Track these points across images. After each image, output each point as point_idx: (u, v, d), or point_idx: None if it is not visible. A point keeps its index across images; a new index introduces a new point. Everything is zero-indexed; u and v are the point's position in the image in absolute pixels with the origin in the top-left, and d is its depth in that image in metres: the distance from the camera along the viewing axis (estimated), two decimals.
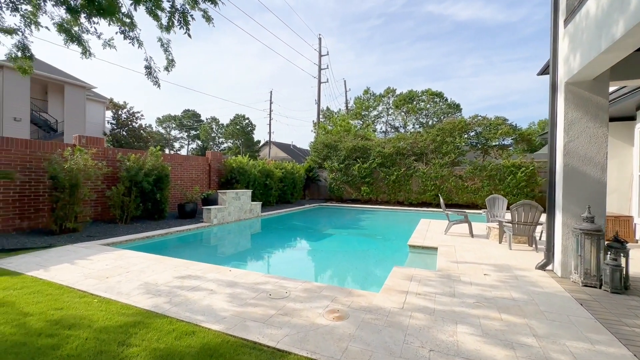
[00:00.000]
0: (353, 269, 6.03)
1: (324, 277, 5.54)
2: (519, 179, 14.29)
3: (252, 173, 12.89)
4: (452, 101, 40.82)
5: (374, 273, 5.79)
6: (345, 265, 6.33)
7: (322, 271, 6.02)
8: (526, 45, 69.22)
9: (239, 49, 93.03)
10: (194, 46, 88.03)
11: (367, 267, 6.17)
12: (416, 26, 68.36)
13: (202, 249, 7.37)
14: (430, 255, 6.30)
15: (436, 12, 63.71)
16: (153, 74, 5.20)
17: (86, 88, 27.08)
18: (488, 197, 8.85)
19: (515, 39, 68.53)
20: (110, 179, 8.74)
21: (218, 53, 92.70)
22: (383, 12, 66.65)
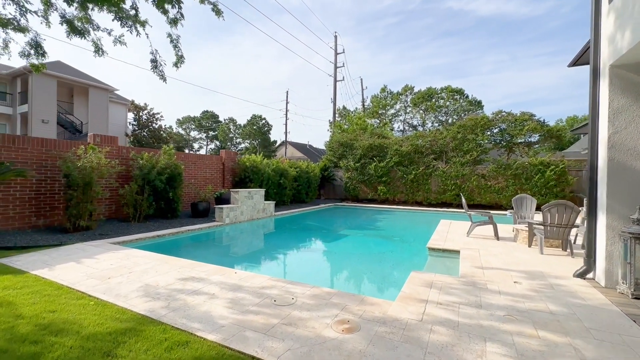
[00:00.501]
0: (367, 273, 5.66)
1: (335, 282, 5.20)
2: (548, 178, 13.39)
3: (265, 172, 12.72)
4: (473, 98, 39.36)
5: (389, 278, 5.39)
6: (359, 269, 5.96)
7: (334, 275, 5.68)
8: (552, 39, 66.04)
9: (257, 50, 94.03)
10: (213, 49, 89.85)
11: (383, 271, 5.77)
12: (435, 23, 66.49)
13: (211, 249, 7.20)
14: (452, 260, 5.83)
15: (456, 8, 61.62)
16: (159, 68, 5.04)
17: (109, 90, 27.96)
18: (515, 197, 8.23)
19: (540, 33, 65.49)
20: (124, 177, 8.76)
21: (236, 55, 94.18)
22: (400, 10, 65.22)
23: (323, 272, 5.84)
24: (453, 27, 67.05)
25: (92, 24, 5.14)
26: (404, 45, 74.32)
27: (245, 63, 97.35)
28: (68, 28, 4.44)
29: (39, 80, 23.19)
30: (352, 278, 5.48)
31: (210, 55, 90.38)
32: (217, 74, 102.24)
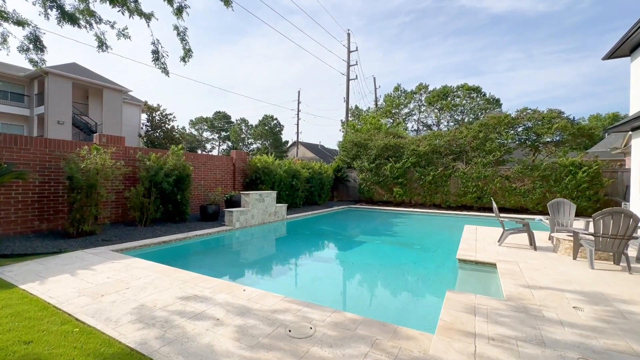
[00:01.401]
0: (392, 291, 5.03)
1: (357, 303, 4.54)
2: (580, 179, 12.41)
3: (277, 173, 12.23)
4: (491, 96, 37.97)
5: (420, 298, 4.76)
6: (382, 285, 5.34)
7: (354, 293, 5.05)
8: (571, 35, 63.50)
9: (268, 52, 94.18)
10: (225, 51, 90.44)
11: (410, 288, 5.14)
12: (448, 21, 64.90)
13: (219, 258, 6.72)
14: (488, 274, 5.15)
15: (469, 5, 60.05)
16: (161, 60, 4.58)
17: (123, 91, 28.15)
18: (551, 202, 7.46)
19: (558, 29, 63.15)
20: (131, 179, 8.41)
21: (248, 57, 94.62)
22: (413, 9, 64.00)
23: (341, 288, 5.26)
24: (466, 25, 65.45)
25: (94, 16, 4.76)
26: (417, 43, 72.95)
27: (257, 64, 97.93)
28: (59, 14, 4.01)
29: (55, 82, 23.46)
30: (376, 297, 4.84)
31: (223, 57, 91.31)
32: (230, 76, 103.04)
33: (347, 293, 4.96)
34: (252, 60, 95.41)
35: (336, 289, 5.12)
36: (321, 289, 5.01)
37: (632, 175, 10.15)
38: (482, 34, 67.10)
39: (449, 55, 72.21)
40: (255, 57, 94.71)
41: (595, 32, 62.19)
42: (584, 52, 66.08)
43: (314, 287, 5.07)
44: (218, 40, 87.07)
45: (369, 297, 4.82)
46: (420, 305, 4.43)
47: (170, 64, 66.41)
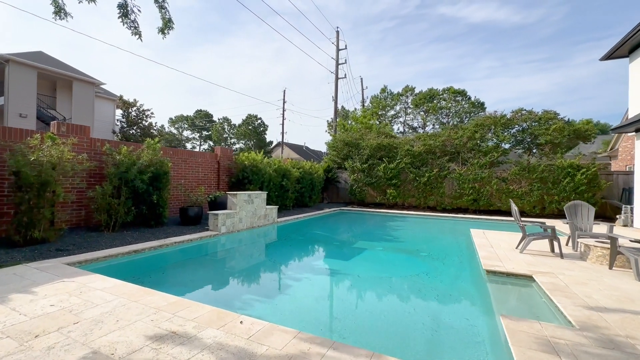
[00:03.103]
0: (420, 313, 4.11)
1: (385, 333, 3.46)
2: (578, 182, 12.15)
3: (266, 172, 11.20)
4: (476, 99, 38.41)
5: (462, 324, 3.84)
6: (404, 304, 4.43)
7: (376, 318, 3.98)
8: (544, 46, 66.45)
9: (252, 52, 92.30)
10: (208, 50, 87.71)
11: (439, 309, 4.25)
12: (430, 28, 66.48)
13: (204, 271, 5.65)
14: (526, 289, 4.41)
15: (449, 14, 61.75)
16: (130, 17, 3.54)
17: (95, 84, 26.11)
18: (568, 205, 6.87)
19: (532, 40, 66.07)
20: (97, 176, 7.17)
21: (231, 57, 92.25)
22: (395, 15, 64.99)
23: (358, 312, 4.32)
24: (447, 33, 67.32)
25: None
26: (400, 49, 74.17)
27: (240, 65, 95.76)
28: None
29: (17, 71, 21.32)
30: (405, 325, 3.81)
31: (205, 57, 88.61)
32: (212, 76, 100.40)
33: (368, 320, 4.02)
34: (236, 61, 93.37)
35: (353, 315, 4.14)
36: (337, 314, 4.05)
37: (637, 178, 9.88)
38: (462, 42, 69.12)
39: (431, 61, 73.73)
40: (238, 57, 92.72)
41: (566, 44, 65.47)
42: (556, 63, 69.32)
43: (327, 312, 4.12)
44: (200, 39, 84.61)
45: (395, 324, 3.88)
46: (469, 336, 3.51)
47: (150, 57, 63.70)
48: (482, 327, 3.49)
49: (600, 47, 65.02)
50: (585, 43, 64.56)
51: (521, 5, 59.36)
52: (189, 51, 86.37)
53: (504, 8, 59.88)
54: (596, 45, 64.84)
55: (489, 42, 68.04)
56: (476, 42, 68.29)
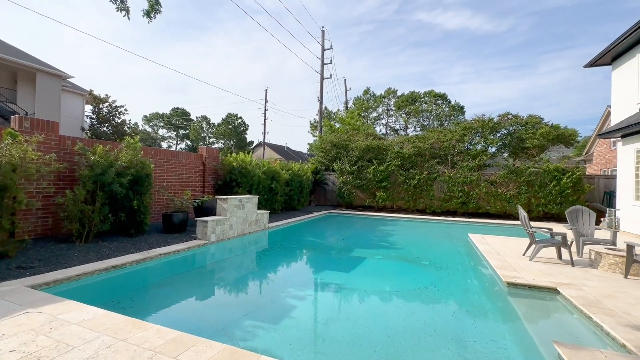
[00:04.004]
0: (442, 337, 3.70)
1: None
2: (564, 185, 12.41)
3: (256, 175, 10.56)
4: (456, 103, 39.33)
5: (492, 348, 3.48)
6: (423, 327, 4.00)
7: (397, 345, 3.54)
8: (512, 54, 69.62)
9: (231, 50, 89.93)
10: (184, 47, 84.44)
11: (464, 332, 3.86)
12: (407, 33, 68.25)
13: (198, 290, 4.98)
14: (552, 303, 4.15)
15: (426, 21, 63.62)
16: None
17: (62, 77, 24.15)
18: (569, 210, 6.81)
19: (501, 48, 69.00)
20: (67, 179, 6.30)
21: (209, 54, 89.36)
22: (374, 19, 66.12)
23: (377, 337, 3.80)
24: (423, 38, 69.31)
25: None
26: (378, 52, 75.41)
27: (219, 63, 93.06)
28: None
29: None
30: (430, 352, 3.46)
31: (181, 53, 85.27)
32: (190, 73, 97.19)
33: (389, 347, 3.56)
34: (214, 58, 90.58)
35: (369, 341, 3.62)
36: (353, 341, 3.55)
37: (621, 182, 10.16)
38: (437, 48, 71.31)
39: (408, 66, 75.47)
40: (216, 55, 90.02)
41: (532, 53, 69.07)
42: (523, 70, 72.99)
43: (343, 340, 3.60)
44: (176, 35, 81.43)
45: (420, 351, 3.45)
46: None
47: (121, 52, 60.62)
48: (516, 351, 3.14)
49: (562, 57, 69.24)
50: (550, 53, 68.49)
51: (492, 14, 62.07)
52: (163, 47, 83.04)
53: (477, 16, 62.32)
54: (559, 55, 68.95)
55: (463, 48, 70.63)
56: (451, 48, 70.67)
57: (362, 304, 4.85)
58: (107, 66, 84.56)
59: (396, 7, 63.01)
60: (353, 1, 60.71)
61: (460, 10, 61.87)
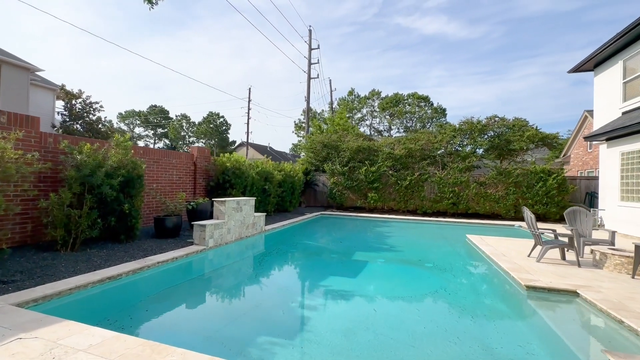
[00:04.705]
0: (469, 345, 3.55)
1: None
2: (550, 186, 12.83)
3: (249, 175, 10.16)
4: (438, 105, 40.23)
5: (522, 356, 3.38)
6: (446, 335, 3.80)
7: (427, 356, 3.43)
8: (486, 60, 72.61)
9: (210, 47, 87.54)
10: (159, 42, 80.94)
11: (490, 340, 3.72)
12: (387, 36, 69.72)
13: (204, 303, 4.59)
14: (575, 306, 4.11)
15: (404, 25, 65.28)
16: None
17: (31, 70, 22.44)
18: (567, 211, 6.95)
19: (476, 54, 71.70)
20: (50, 180, 5.70)
21: (187, 51, 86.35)
22: (355, 21, 67.06)
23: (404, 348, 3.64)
24: (403, 42, 71.00)
25: None
26: (359, 54, 76.33)
27: (197, 60, 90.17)
28: None
29: None
30: None
31: (157, 49, 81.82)
32: (165, 70, 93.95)
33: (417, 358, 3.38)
34: (191, 56, 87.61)
35: (396, 354, 3.46)
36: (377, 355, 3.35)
37: (606, 183, 10.58)
38: (416, 52, 73.05)
39: (387, 68, 76.82)
40: (194, 52, 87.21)
41: (504, 59, 72.20)
42: (496, 76, 76.17)
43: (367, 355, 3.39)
44: (151, 30, 78.30)
45: None
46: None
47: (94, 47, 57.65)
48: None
49: (532, 64, 73.00)
50: (520, 60, 71.90)
51: (467, 21, 64.42)
52: (138, 42, 79.59)
53: (452, 23, 64.42)
54: (529, 62, 72.53)
55: (440, 53, 72.62)
56: (428, 52, 72.55)
57: (377, 312, 4.63)
58: (78, 61, 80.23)
59: (376, 10, 64.09)
60: (334, 3, 61.12)
61: (436, 16, 63.73)
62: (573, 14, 60.59)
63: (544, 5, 57.57)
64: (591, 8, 59.45)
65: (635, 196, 9.02)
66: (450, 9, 62.05)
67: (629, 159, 9.31)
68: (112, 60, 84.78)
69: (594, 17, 61.82)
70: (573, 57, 69.88)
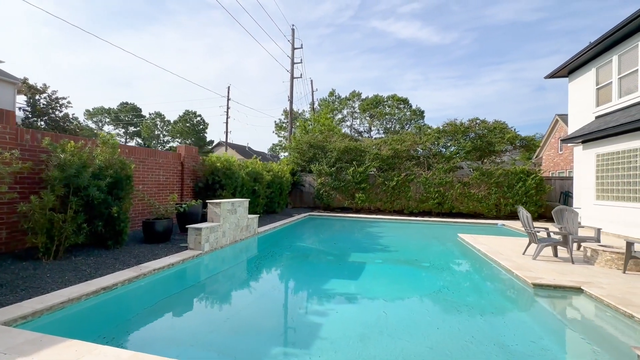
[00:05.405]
0: (484, 345, 3.55)
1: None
2: (529, 186, 13.44)
3: (240, 176, 9.82)
4: (417, 108, 41.24)
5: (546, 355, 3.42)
6: (461, 335, 3.76)
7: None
8: (457, 65, 76.01)
9: (183, 45, 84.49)
10: (129, 37, 76.90)
11: (503, 338, 3.73)
12: (363, 39, 71.17)
13: (210, 313, 4.31)
14: (583, 303, 4.24)
15: (380, 28, 66.97)
16: None
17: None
18: (555, 210, 7.25)
19: (448, 59, 74.70)
20: (28, 181, 5.15)
21: (159, 47, 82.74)
22: (331, 23, 67.89)
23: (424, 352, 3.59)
24: (379, 45, 72.73)
25: None
26: (336, 55, 77.19)
27: (169, 57, 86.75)
28: None
29: None
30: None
31: (126, 44, 77.91)
32: (135, 66, 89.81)
33: None
34: (163, 53, 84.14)
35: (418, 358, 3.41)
36: None
37: (582, 183, 11.22)
38: (391, 55, 74.88)
39: (364, 70, 78.11)
40: (166, 49, 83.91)
41: (474, 64, 75.83)
42: (466, 80, 79.84)
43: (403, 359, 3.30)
44: (120, 23, 74.30)
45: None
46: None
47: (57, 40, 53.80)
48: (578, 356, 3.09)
49: (499, 70, 77.22)
50: (489, 66, 75.78)
51: (439, 27, 67.01)
52: (105, 36, 75.55)
53: (426, 28, 66.74)
54: (497, 68, 76.63)
55: (414, 57, 74.90)
56: (403, 56, 74.58)
57: (388, 314, 4.55)
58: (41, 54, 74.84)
59: (352, 13, 65.00)
60: (312, 4, 61.23)
61: (411, 21, 65.65)
62: (536, 24, 64.67)
63: (510, 15, 61.07)
64: (553, 19, 63.80)
65: (610, 195, 9.61)
66: (423, 15, 64.21)
67: (604, 160, 9.92)
68: (79, 53, 79.77)
69: (554, 28, 66.39)
70: (536, 64, 74.41)
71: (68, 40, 76.25)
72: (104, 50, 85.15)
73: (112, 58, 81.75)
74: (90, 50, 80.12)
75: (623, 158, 9.10)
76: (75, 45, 76.69)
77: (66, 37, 75.53)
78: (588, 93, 11.57)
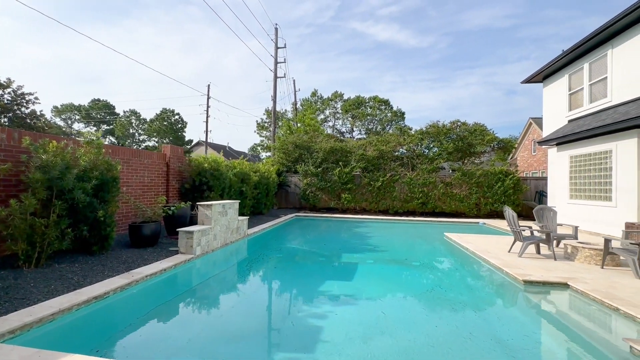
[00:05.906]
0: (484, 342, 3.67)
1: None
2: (507, 186, 14.04)
3: (227, 177, 9.61)
4: (398, 109, 42.02)
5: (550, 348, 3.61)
6: (460, 332, 3.85)
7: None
8: (433, 68, 78.63)
9: (158, 40, 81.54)
10: (100, 30, 73.21)
11: (501, 335, 3.86)
12: (343, 40, 71.95)
13: (209, 319, 4.17)
14: (567, 296, 4.47)
15: (360, 30, 68.08)
16: None
17: None
18: (536, 209, 7.61)
19: (425, 62, 77.07)
20: (7, 184, 4.78)
21: (132, 42, 79.31)
22: (312, 23, 68.23)
23: (428, 352, 3.67)
24: (358, 46, 73.76)
25: None
26: (316, 56, 77.48)
27: (143, 53, 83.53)
28: None
29: None
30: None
31: (96, 37, 74.41)
32: (107, 62, 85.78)
33: None
34: (137, 48, 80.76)
35: None
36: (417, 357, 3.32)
37: (556, 183, 11.85)
38: (370, 57, 76.00)
39: (344, 71, 78.84)
40: (140, 44, 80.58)
41: (449, 68, 78.72)
42: (442, 83, 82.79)
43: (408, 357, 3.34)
44: (90, 16, 70.64)
45: None
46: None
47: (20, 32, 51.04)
48: (568, 348, 3.26)
49: (473, 74, 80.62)
50: (463, 69, 78.87)
51: (416, 31, 68.95)
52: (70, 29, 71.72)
53: (403, 31, 68.37)
54: (470, 72, 79.86)
55: (392, 59, 76.53)
56: (382, 58, 76.02)
57: (387, 314, 4.60)
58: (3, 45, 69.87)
59: (333, 13, 65.43)
60: (292, 3, 61.02)
61: (389, 24, 66.99)
62: (507, 31, 67.89)
63: (483, 21, 63.73)
64: (522, 26, 67.23)
65: (583, 194, 10.21)
66: (401, 18, 65.70)
67: (577, 162, 10.53)
68: (45, 45, 75.07)
69: (523, 35, 69.92)
70: (507, 69, 78.04)
71: (34, 31, 71.43)
72: (73, 42, 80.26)
73: (82, 51, 77.34)
74: (58, 43, 75.55)
75: (594, 159, 9.69)
76: (42, 37, 71.98)
77: (31, 28, 70.78)
78: (561, 98, 12.24)
